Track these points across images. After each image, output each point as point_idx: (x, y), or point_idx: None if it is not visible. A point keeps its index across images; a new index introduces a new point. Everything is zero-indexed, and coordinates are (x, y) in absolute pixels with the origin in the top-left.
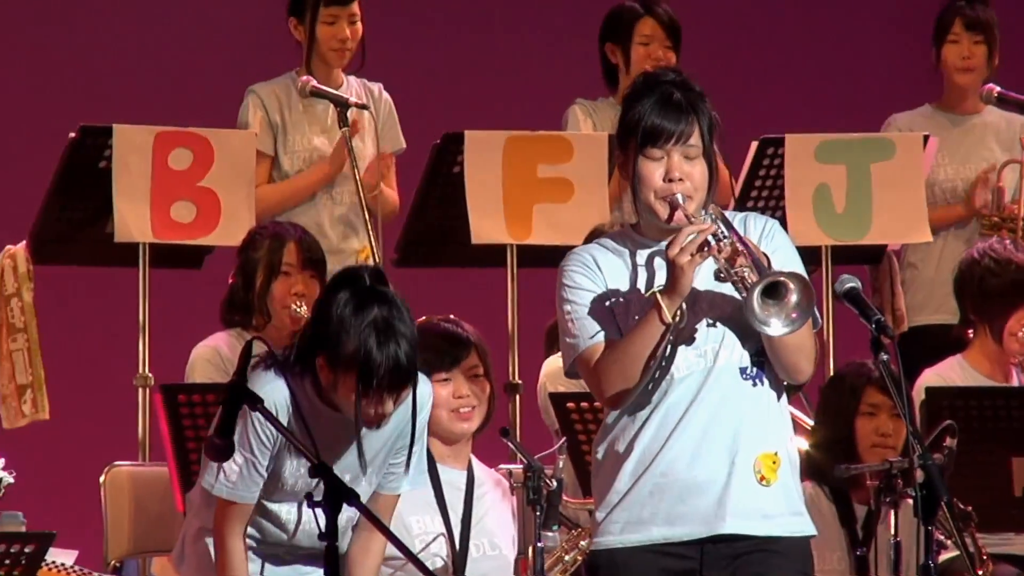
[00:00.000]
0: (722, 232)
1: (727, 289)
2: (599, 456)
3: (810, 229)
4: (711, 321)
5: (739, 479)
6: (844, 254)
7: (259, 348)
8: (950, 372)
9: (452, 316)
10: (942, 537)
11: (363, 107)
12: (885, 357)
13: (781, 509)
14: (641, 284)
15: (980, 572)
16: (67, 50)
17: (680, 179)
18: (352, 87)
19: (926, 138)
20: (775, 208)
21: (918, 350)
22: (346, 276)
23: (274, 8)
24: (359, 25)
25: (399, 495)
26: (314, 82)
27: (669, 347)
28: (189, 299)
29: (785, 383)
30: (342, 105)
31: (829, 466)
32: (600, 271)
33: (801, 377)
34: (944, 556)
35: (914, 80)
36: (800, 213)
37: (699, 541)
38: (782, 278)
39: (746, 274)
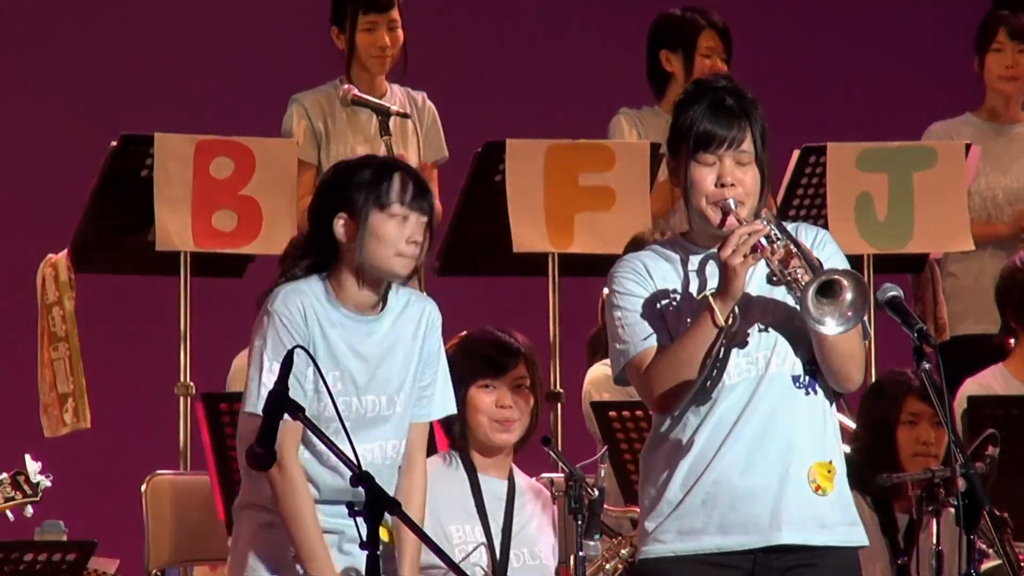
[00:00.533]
0: (775, 234)
1: (779, 294)
2: (648, 464)
3: (852, 238)
4: (763, 327)
5: (794, 488)
6: (886, 263)
7: (300, 357)
8: (991, 381)
9: (506, 327)
10: (983, 546)
11: (404, 116)
12: (927, 366)
13: (838, 518)
14: (693, 289)
15: None
16: (108, 59)
17: (732, 184)
18: (396, 95)
19: (968, 147)
20: (817, 217)
21: (959, 360)
22: None
23: (315, 16)
24: (400, 32)
25: (430, 423)
26: (355, 91)
27: (722, 351)
28: (230, 308)
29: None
30: (383, 114)
31: (871, 475)
32: (651, 277)
33: (852, 385)
34: (986, 565)
35: (952, 89)
36: (842, 222)
37: (752, 551)
38: (836, 276)
39: (800, 275)
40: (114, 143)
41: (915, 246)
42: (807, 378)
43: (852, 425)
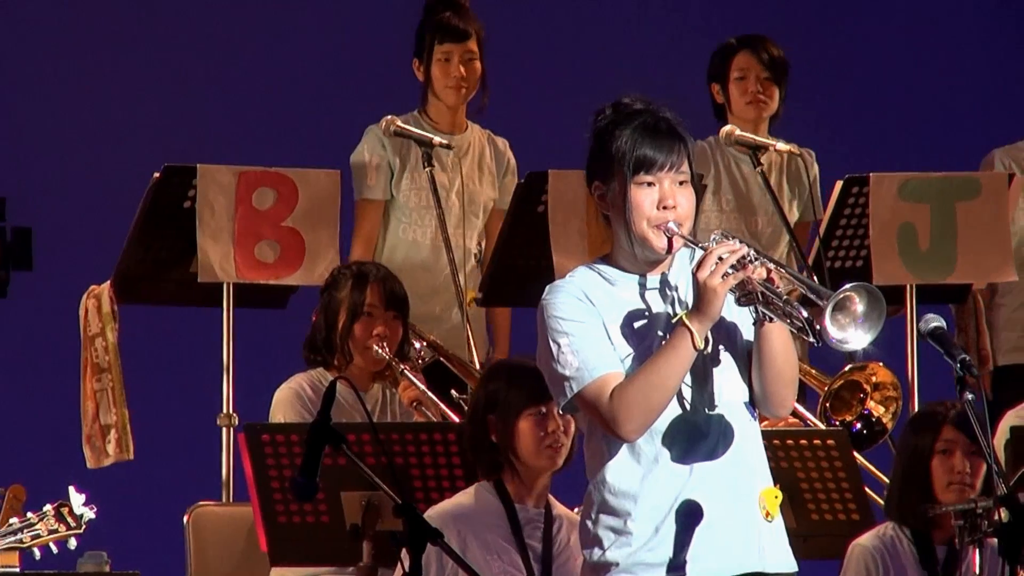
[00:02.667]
0: (752, 254)
1: (736, 317)
2: (605, 494)
3: (895, 268)
4: (720, 351)
5: (755, 515)
6: (929, 293)
7: (342, 389)
8: None
9: None
10: None
11: (447, 147)
12: (970, 396)
13: (786, 544)
14: (638, 315)
15: None
16: (153, 90)
17: (674, 206)
18: (475, 135)
19: (1011, 177)
20: (860, 247)
21: (1008, 390)
22: None
23: (361, 47)
24: (477, 64)
25: None
26: (399, 122)
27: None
28: (273, 339)
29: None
30: (426, 145)
31: (908, 506)
32: (591, 302)
33: (785, 411)
34: None
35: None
36: (885, 252)
37: None
38: (849, 291)
39: (779, 294)
40: (157, 174)
41: (958, 276)
42: (750, 405)
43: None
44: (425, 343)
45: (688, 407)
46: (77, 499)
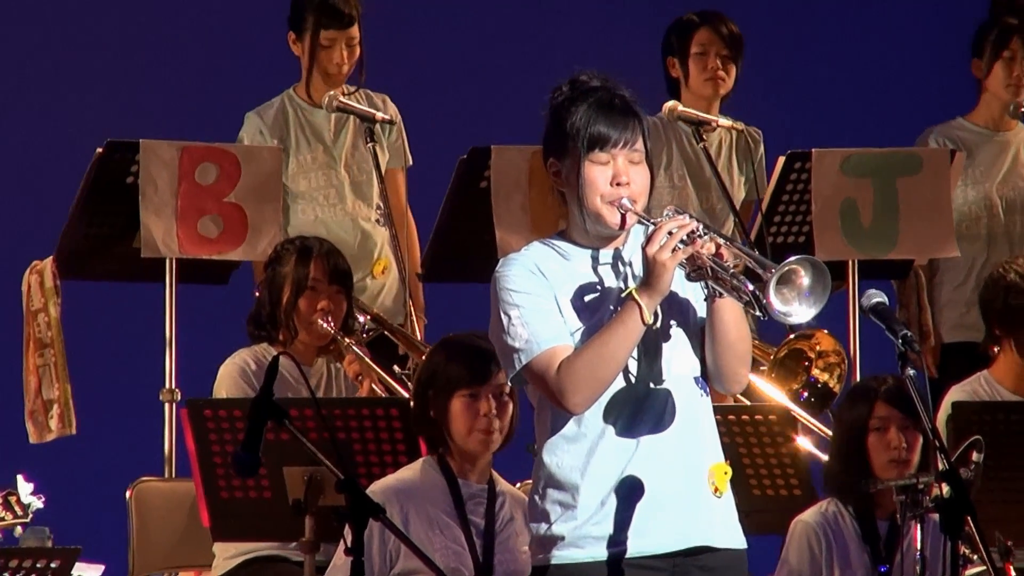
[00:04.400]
0: (701, 228)
1: (689, 293)
2: (552, 468)
3: (837, 243)
4: (671, 326)
5: (704, 490)
6: (870, 268)
7: (286, 363)
8: (976, 388)
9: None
10: (967, 551)
11: (390, 122)
12: (912, 372)
13: (735, 520)
14: (590, 289)
15: None
16: (94, 65)
17: (627, 183)
18: (353, 101)
19: (953, 153)
20: (802, 223)
21: (951, 367)
22: None
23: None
24: (357, 48)
25: None
26: (341, 97)
27: (635, 350)
28: (216, 314)
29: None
30: (368, 120)
31: (848, 483)
32: (543, 275)
33: (739, 387)
34: (969, 571)
35: (939, 94)
36: (827, 228)
37: (671, 555)
38: (794, 265)
39: (727, 268)
40: (99, 149)
41: (899, 252)
42: (701, 380)
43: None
44: (369, 317)
45: (636, 381)
46: (25, 488)
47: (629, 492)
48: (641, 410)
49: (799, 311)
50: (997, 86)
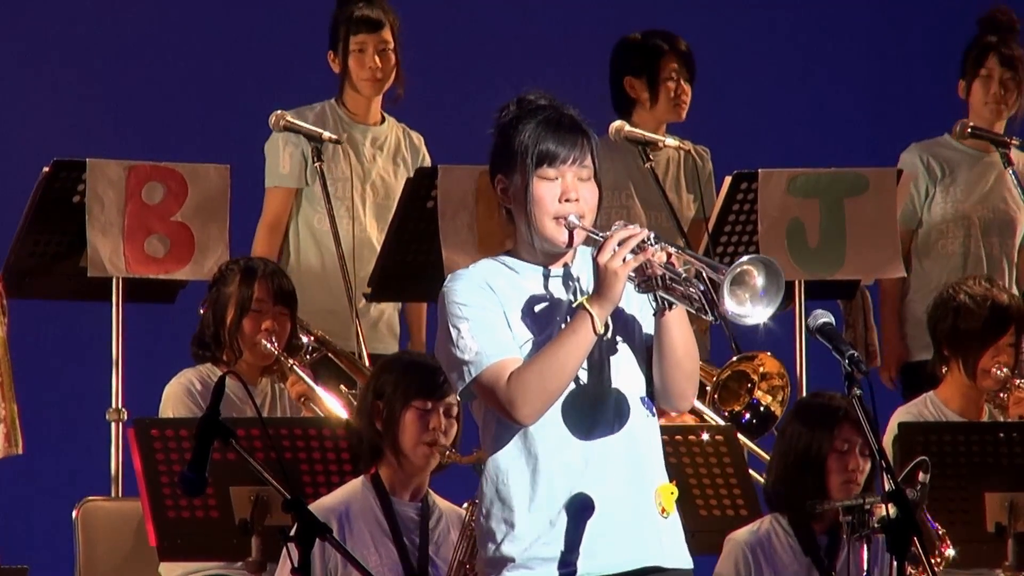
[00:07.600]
0: (651, 237)
1: (635, 310)
2: (499, 485)
3: (783, 263)
4: (617, 342)
5: (651, 510)
6: (817, 289)
7: (231, 383)
8: (922, 409)
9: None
10: (912, 571)
11: (336, 142)
12: (859, 392)
13: (681, 540)
14: (539, 303)
15: None
16: (41, 84)
17: (576, 199)
18: (392, 129)
19: (899, 173)
20: (748, 243)
21: (919, 387)
22: None
23: (254, 41)
24: (391, 55)
25: None
26: (289, 116)
27: (584, 362)
28: (162, 333)
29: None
30: (315, 140)
31: (795, 502)
32: (492, 290)
33: (686, 405)
34: None
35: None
36: (774, 248)
37: (621, 575)
38: (746, 265)
39: (679, 275)
40: (46, 168)
41: (846, 272)
42: (648, 399)
43: (764, 454)
44: (313, 338)
45: (584, 395)
46: None
47: (578, 512)
48: (589, 428)
49: (754, 311)
50: (977, 104)
